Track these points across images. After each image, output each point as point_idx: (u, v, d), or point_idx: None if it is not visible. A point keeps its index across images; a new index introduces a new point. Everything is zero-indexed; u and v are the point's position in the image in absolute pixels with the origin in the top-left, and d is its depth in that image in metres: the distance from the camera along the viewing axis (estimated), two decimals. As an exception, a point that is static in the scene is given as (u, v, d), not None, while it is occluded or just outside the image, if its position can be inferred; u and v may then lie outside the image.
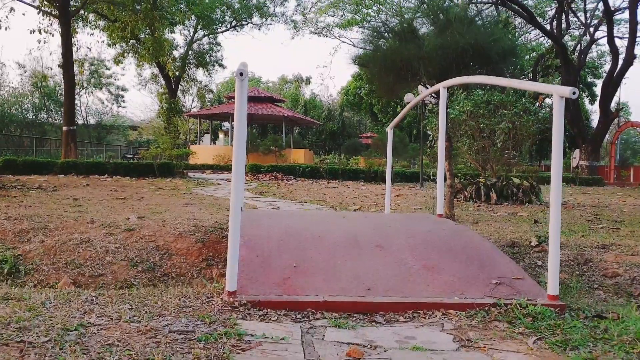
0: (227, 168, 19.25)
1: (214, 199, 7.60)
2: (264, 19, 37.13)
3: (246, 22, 37.08)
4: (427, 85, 6.26)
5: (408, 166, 23.96)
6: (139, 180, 12.74)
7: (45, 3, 19.13)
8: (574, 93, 2.59)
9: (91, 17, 25.84)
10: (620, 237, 5.28)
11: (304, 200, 8.48)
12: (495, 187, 9.85)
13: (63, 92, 21.61)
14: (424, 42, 6.05)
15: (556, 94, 2.70)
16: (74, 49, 26.44)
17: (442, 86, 3.42)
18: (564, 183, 19.11)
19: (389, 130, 5.00)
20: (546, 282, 2.87)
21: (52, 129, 37.08)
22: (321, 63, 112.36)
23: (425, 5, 23.62)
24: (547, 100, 36.69)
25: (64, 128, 18.22)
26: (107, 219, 4.72)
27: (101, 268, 3.89)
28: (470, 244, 3.58)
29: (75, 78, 35.67)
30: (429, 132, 22.70)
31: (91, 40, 47.42)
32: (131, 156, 21.98)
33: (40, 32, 19.88)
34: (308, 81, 55.87)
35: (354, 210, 6.69)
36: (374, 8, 29.60)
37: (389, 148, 4.91)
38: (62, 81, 21.19)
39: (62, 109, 22.22)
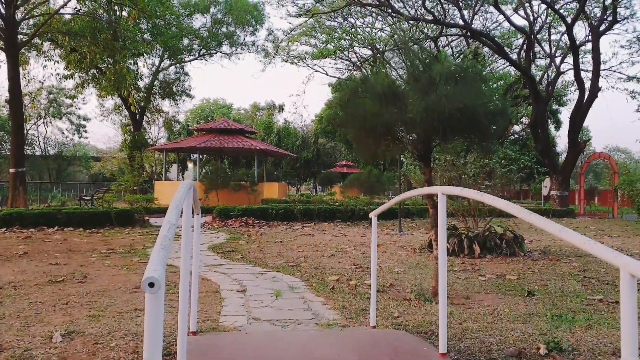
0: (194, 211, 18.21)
1: (171, 273, 6.69)
2: (234, 48, 36.55)
3: (215, 51, 36.40)
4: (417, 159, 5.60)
5: (383, 199, 23.39)
6: (92, 236, 11.67)
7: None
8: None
9: (46, 45, 24.65)
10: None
11: (276, 265, 7.63)
12: (478, 239, 9.23)
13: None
14: (407, 104, 5.39)
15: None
16: (24, 81, 25.18)
17: (440, 192, 2.68)
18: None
19: (373, 218, 4.25)
20: None
21: (5, 162, 35.01)
22: (294, 90, 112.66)
23: (395, 37, 23.38)
24: (515, 127, 37.04)
25: (11, 170, 16.96)
26: (21, 339, 3.79)
27: None
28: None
29: (33, 107, 34.12)
30: (403, 160, 22.37)
31: (44, 73, 45.44)
32: (89, 197, 20.70)
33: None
34: (281, 108, 55.37)
35: (332, 288, 5.89)
36: (347, 38, 29.36)
37: (373, 241, 4.17)
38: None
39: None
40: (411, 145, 5.80)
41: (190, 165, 45.46)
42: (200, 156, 32.52)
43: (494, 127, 5.47)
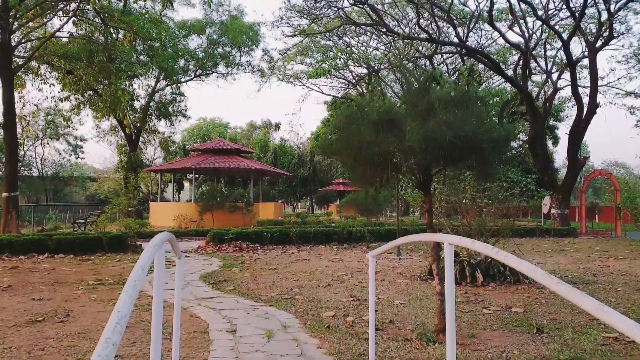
0: (188, 234, 17.84)
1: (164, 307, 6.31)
2: (229, 68, 36.47)
3: (211, 72, 36.31)
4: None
5: (382, 220, 23.06)
6: (82, 264, 11.29)
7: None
8: None
9: (42, 68, 24.50)
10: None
11: (269, 298, 7.27)
12: (481, 266, 8.91)
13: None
14: (405, 132, 5.11)
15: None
16: (20, 104, 24.99)
17: (447, 241, 2.38)
18: (540, 237, 18.55)
19: (371, 259, 3.94)
20: None
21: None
22: (290, 109, 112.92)
23: (390, 56, 23.30)
24: (512, 144, 36.85)
25: (4, 194, 16.62)
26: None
27: None
28: None
29: (28, 131, 33.81)
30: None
31: (40, 96, 45.27)
32: (82, 221, 20.33)
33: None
34: (277, 127, 55.33)
35: (327, 327, 5.53)
36: (342, 57, 29.33)
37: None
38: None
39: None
40: (410, 174, 5.51)
41: (187, 184, 45.10)
42: (197, 175, 32.23)
43: (498, 155, 5.19)
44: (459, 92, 5.28)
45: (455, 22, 24.65)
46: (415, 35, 25.38)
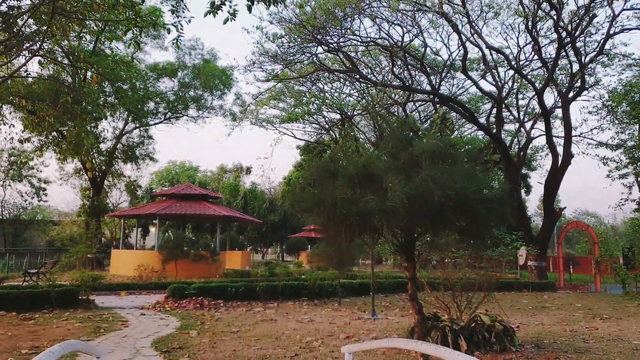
0: (147, 287, 16.57)
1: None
2: (201, 111, 35.83)
3: (181, 115, 35.59)
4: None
5: (355, 270, 22.16)
6: (22, 325, 10.02)
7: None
8: None
9: (4, 108, 23.38)
10: None
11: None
12: (464, 333, 8.08)
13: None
14: (387, 189, 4.37)
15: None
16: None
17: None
18: (519, 291, 17.93)
19: (347, 355, 3.11)
20: None
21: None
22: (262, 153, 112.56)
23: (364, 102, 23.07)
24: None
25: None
26: None
27: None
28: None
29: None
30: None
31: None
32: (35, 271, 18.84)
33: None
34: (248, 171, 54.56)
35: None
36: (315, 102, 29.05)
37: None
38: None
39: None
40: (391, 237, 4.75)
41: (153, 229, 43.40)
42: (163, 221, 30.90)
43: (492, 217, 4.47)
44: (447, 144, 4.60)
45: (428, 70, 24.76)
46: (389, 82, 25.35)
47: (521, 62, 23.93)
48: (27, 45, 19.34)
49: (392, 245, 4.77)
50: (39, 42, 17.05)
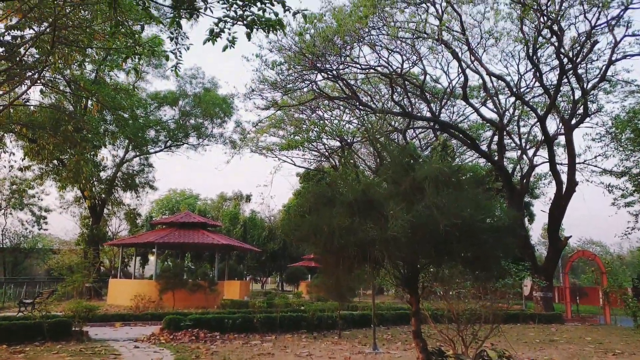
0: (143, 318, 16.11)
1: None
2: (201, 139, 35.84)
3: (182, 143, 35.60)
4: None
5: (356, 301, 21.64)
6: (11, 359, 9.61)
7: None
8: None
9: (6, 136, 23.32)
10: None
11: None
12: (472, 369, 7.68)
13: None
14: (388, 217, 4.08)
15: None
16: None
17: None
18: (525, 323, 17.41)
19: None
20: None
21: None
22: (262, 180, 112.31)
23: (364, 129, 22.96)
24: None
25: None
26: None
27: None
28: None
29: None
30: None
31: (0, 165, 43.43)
32: (30, 301, 18.41)
33: None
34: (248, 199, 54.20)
35: None
36: (315, 130, 28.99)
37: None
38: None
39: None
40: (393, 268, 4.44)
41: (152, 258, 42.84)
42: (162, 250, 30.47)
43: (501, 247, 4.17)
44: (451, 170, 4.33)
45: (428, 97, 24.73)
46: (389, 109, 25.31)
47: (522, 90, 23.89)
48: (29, 74, 19.41)
49: (394, 278, 4.46)
50: (40, 71, 17.07)
